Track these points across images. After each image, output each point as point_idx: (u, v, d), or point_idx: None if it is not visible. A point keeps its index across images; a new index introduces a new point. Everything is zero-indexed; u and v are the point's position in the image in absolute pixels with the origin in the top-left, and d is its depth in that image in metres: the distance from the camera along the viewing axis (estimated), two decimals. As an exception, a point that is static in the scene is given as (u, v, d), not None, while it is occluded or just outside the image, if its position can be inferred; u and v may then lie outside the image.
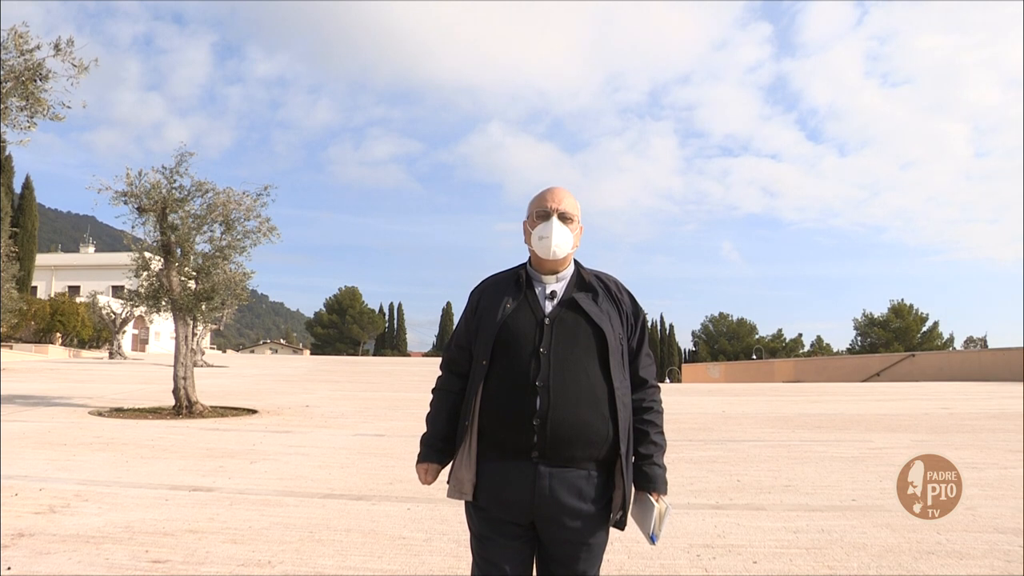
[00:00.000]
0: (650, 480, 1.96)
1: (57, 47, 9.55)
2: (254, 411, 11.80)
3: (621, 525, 1.94)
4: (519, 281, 2.03)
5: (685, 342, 79.84)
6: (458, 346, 2.09)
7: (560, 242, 1.99)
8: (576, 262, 2.09)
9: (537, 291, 2.02)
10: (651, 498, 1.95)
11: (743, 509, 5.03)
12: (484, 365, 1.94)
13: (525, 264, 2.10)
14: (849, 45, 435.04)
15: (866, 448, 7.88)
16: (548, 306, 1.98)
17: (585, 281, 2.03)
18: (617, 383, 1.92)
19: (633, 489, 1.97)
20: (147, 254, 12.34)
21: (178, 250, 12.12)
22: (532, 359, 1.90)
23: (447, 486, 1.98)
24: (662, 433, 2.02)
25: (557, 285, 2.02)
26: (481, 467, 1.93)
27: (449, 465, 2.03)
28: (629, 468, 1.94)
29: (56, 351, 35.65)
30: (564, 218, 2.01)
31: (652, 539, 1.94)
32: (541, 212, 2.03)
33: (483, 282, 2.13)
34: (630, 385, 1.99)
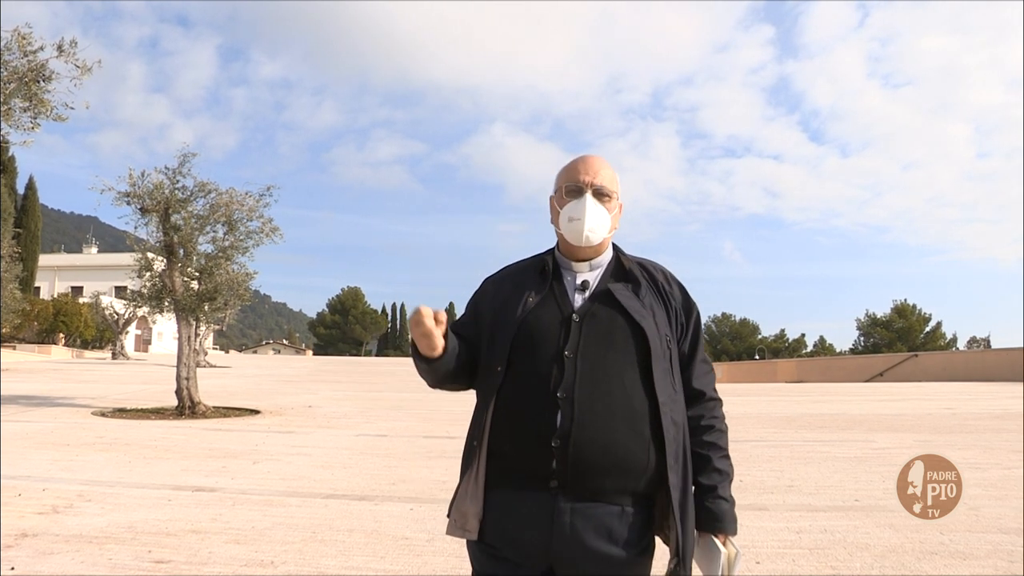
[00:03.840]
0: (716, 518, 1.55)
1: (60, 48, 9.56)
2: (257, 411, 11.81)
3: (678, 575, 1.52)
4: (545, 270, 1.65)
5: (687, 342, 79.66)
6: (452, 331, 1.66)
7: (595, 225, 1.60)
8: (615, 247, 1.71)
9: (566, 281, 1.65)
10: (716, 541, 1.54)
11: (746, 509, 5.01)
12: (499, 372, 1.56)
13: (553, 249, 1.71)
14: (851, 46, 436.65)
15: (869, 448, 7.86)
16: (578, 299, 1.61)
17: (625, 269, 1.65)
18: (663, 396, 1.53)
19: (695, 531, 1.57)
20: (150, 255, 12.38)
21: (181, 250, 12.14)
22: (554, 364, 1.52)
23: (447, 521, 1.62)
24: (727, 458, 1.61)
25: (590, 274, 1.65)
26: (490, 497, 1.55)
27: (445, 374, 1.61)
28: (688, 503, 1.54)
29: (59, 351, 35.69)
30: (600, 195, 1.63)
31: None
32: (572, 187, 1.64)
33: (501, 270, 1.75)
34: (683, 399, 1.60)
